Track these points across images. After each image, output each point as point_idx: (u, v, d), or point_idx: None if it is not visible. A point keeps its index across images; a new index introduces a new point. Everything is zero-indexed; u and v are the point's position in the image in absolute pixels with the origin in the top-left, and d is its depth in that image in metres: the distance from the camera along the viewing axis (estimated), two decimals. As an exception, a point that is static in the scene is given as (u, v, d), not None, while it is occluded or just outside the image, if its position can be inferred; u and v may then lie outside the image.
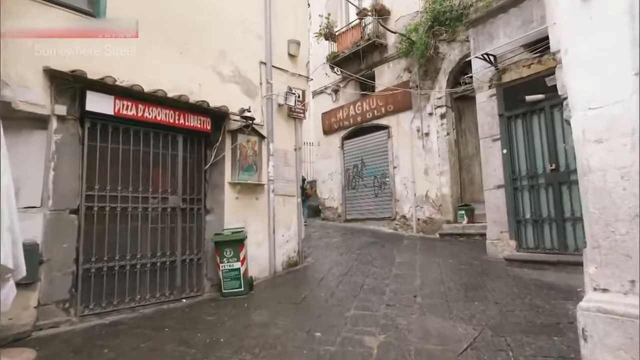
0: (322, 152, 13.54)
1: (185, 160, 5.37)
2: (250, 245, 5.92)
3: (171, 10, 5.40)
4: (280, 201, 6.56)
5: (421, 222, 9.96)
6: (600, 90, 2.40)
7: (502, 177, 6.31)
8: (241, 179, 5.99)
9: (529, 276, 5.16)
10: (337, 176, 12.73)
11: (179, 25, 5.48)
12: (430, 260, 6.58)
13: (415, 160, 10.21)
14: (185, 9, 5.58)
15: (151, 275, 4.88)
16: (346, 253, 7.54)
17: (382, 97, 11.11)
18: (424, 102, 10.12)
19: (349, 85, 12.65)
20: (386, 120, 11.12)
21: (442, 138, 9.65)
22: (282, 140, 6.75)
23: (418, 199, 10.05)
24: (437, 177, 9.65)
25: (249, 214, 6.08)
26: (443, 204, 9.50)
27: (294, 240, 6.73)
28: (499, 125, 6.42)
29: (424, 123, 10.06)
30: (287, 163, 6.78)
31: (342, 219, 12.34)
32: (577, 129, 2.64)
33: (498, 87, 6.47)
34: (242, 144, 6.07)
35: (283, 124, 6.85)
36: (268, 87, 6.54)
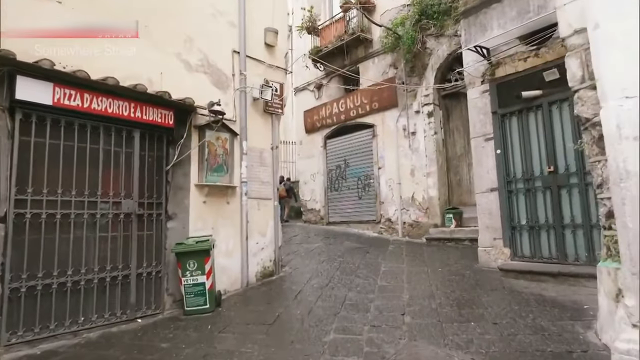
0: (304, 151, 12.94)
1: (142, 159, 4.70)
2: (219, 254, 5.30)
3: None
4: (254, 205, 5.94)
5: (407, 226, 9.47)
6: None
7: (496, 179, 5.84)
8: (210, 180, 5.35)
9: (527, 289, 4.67)
10: (319, 177, 12.15)
11: (137, 4, 4.81)
12: (418, 269, 6.06)
13: (401, 161, 9.71)
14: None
15: (99, 293, 4.19)
16: (327, 261, 6.96)
17: (367, 94, 10.59)
18: (410, 99, 9.63)
19: (332, 82, 12.09)
20: (371, 119, 10.60)
21: (429, 137, 9.17)
22: (257, 138, 6.12)
23: (404, 202, 9.56)
24: (424, 179, 9.17)
25: (219, 219, 5.44)
26: (430, 207, 9.03)
27: (269, 248, 6.12)
28: (492, 124, 5.95)
29: (410, 122, 9.57)
30: (262, 163, 6.16)
31: (324, 221, 11.77)
32: (610, 124, 2.10)
33: (491, 83, 5.99)
34: (210, 142, 5.43)
35: (258, 120, 6.22)
36: (241, 79, 5.91)
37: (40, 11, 4.00)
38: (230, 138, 5.68)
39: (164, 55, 5.02)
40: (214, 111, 5.29)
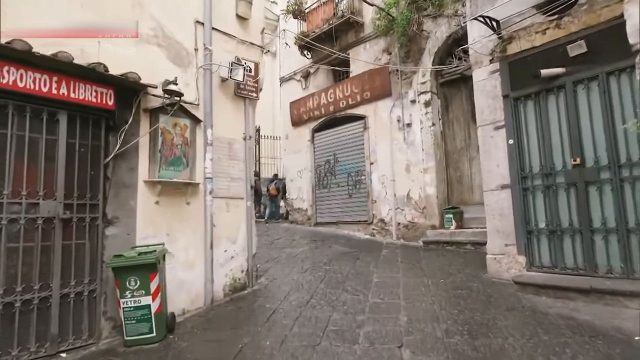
0: (290, 146, 11.98)
1: (71, 148, 3.70)
2: (176, 266, 4.35)
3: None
4: (222, 206, 4.98)
5: (402, 227, 8.57)
6: None
7: (508, 174, 4.95)
8: (164, 176, 4.38)
9: (553, 309, 3.79)
10: (306, 173, 11.21)
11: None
12: (417, 280, 5.16)
13: (395, 155, 8.81)
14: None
15: (5, 323, 3.21)
16: (311, 269, 6.03)
17: (358, 82, 9.67)
18: (405, 87, 8.72)
19: (320, 70, 11.15)
20: (362, 110, 9.67)
21: (426, 129, 8.27)
22: (226, 126, 5.16)
23: (398, 200, 8.66)
24: (421, 175, 8.28)
25: (176, 224, 4.48)
26: (427, 206, 8.14)
27: (241, 257, 5.16)
28: (503, 109, 5.05)
29: (405, 112, 8.66)
30: (232, 156, 5.19)
31: (312, 222, 10.84)
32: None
33: (502, 61, 5.09)
34: (165, 129, 4.45)
35: (228, 105, 5.26)
36: (206, 55, 4.93)
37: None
38: (191, 125, 4.71)
39: (102, 20, 4.03)
40: (169, 91, 4.31)
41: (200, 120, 4.80)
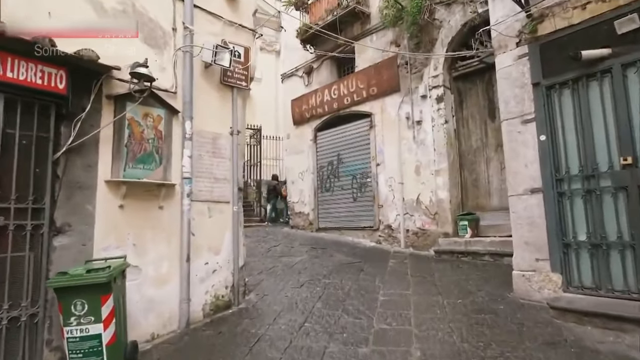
0: (291, 146, 11.28)
1: (8, 140, 3.02)
2: (145, 283, 3.66)
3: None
4: (203, 211, 4.28)
5: (411, 235, 7.81)
6: None
7: (539, 176, 4.18)
8: (131, 175, 3.69)
9: (604, 346, 3.03)
10: (308, 175, 10.49)
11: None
12: (430, 299, 4.41)
13: (404, 156, 8.06)
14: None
15: None
16: (309, 283, 5.30)
17: (364, 77, 8.94)
18: (415, 82, 7.98)
19: (324, 65, 10.46)
20: (368, 107, 8.94)
21: (438, 127, 7.52)
22: (210, 119, 4.47)
23: (407, 205, 7.91)
24: (432, 177, 7.52)
25: (146, 232, 3.78)
26: (439, 212, 7.37)
27: (225, 270, 4.45)
28: (533, 100, 4.29)
29: (415, 109, 7.92)
30: (217, 153, 4.50)
31: (314, 227, 10.11)
32: None
33: (532, 43, 4.34)
34: (134, 120, 3.77)
35: (212, 95, 4.57)
36: (186, 36, 4.25)
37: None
38: (166, 116, 4.03)
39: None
40: (137, 75, 3.63)
41: (178, 111, 4.11)
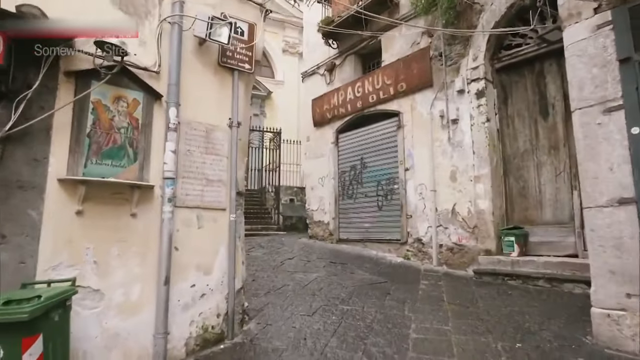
0: (311, 149, 10.43)
1: None
2: (109, 312, 2.84)
3: None
4: (190, 220, 3.44)
5: (445, 250, 6.76)
6: None
7: (631, 182, 3.12)
8: (94, 173, 2.89)
9: None
10: (329, 181, 9.59)
11: None
12: (477, 340, 3.39)
13: (437, 160, 7.04)
14: None
15: None
16: (324, 309, 4.37)
17: (391, 72, 8.01)
18: (451, 75, 6.98)
19: (347, 61, 9.59)
20: (396, 105, 7.99)
21: (478, 126, 6.48)
22: (203, 107, 3.65)
23: (441, 216, 6.86)
24: (471, 185, 6.47)
25: (112, 245, 2.97)
26: (479, 225, 6.30)
27: (217, 294, 3.58)
28: (619, 81, 3.26)
29: (450, 106, 6.91)
30: (211, 149, 3.66)
31: (334, 238, 9.18)
32: None
33: (618, 7, 3.31)
34: (101, 103, 2.98)
35: (207, 78, 3.75)
36: (175, 4, 3.46)
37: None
38: (145, 101, 3.23)
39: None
40: (104, 45, 2.85)
41: (161, 95, 3.31)
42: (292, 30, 18.88)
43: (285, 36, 19.18)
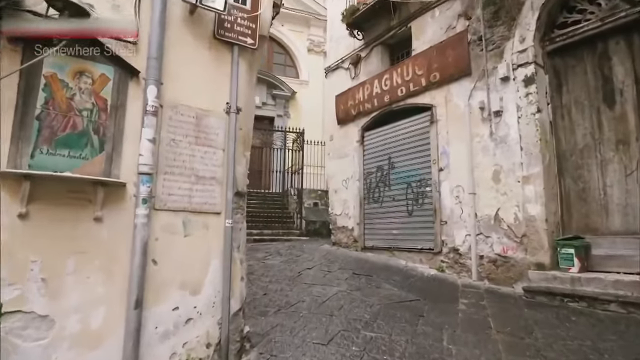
0: (335, 149, 9.70)
1: None
2: (62, 342, 2.22)
3: None
4: (174, 226, 2.76)
5: (487, 263, 5.84)
6: None
7: None
8: (44, 165, 2.27)
9: None
10: (353, 183, 8.83)
11: None
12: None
13: (476, 158, 6.14)
14: None
15: None
16: (343, 335, 3.60)
17: (423, 61, 7.18)
18: (493, 61, 6.08)
19: (373, 53, 8.82)
20: (428, 97, 7.15)
21: (527, 119, 5.55)
22: (193, 88, 2.98)
23: (481, 223, 5.95)
24: (518, 187, 5.53)
25: (67, 259, 2.31)
26: (529, 234, 5.35)
27: (208, 318, 2.88)
28: None
29: (492, 96, 6.00)
30: (202, 139, 2.99)
31: (358, 245, 8.39)
32: None
33: None
34: (56, 78, 2.36)
35: (199, 54, 3.09)
36: (158, -38, 2.83)
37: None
38: (118, 78, 2.59)
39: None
40: (60, 2, 2.23)
41: (138, 72, 2.66)
42: (317, 29, 18.28)
43: (310, 35, 18.63)
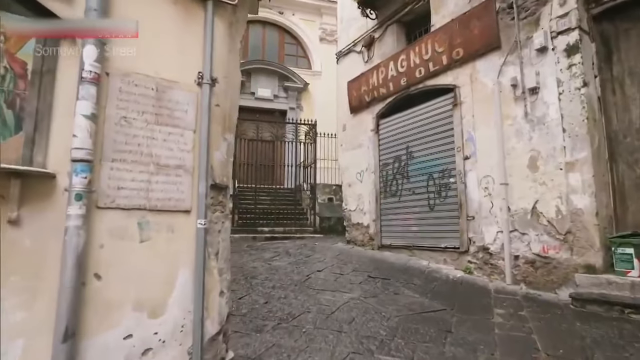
0: (348, 140, 8.98)
1: None
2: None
3: None
4: (124, 230, 2.13)
5: (523, 264, 5.04)
6: None
7: None
8: None
9: None
10: (368, 176, 8.10)
11: None
12: None
13: (509, 144, 5.33)
14: None
15: None
16: (353, 358, 2.93)
17: (444, 36, 6.37)
18: (526, 30, 5.24)
19: (387, 33, 8.04)
20: (450, 77, 6.34)
21: (570, 95, 4.70)
22: (152, 52, 2.33)
23: (516, 218, 5.15)
24: (561, 175, 4.71)
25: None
26: (575, 230, 4.53)
27: (174, 348, 2.24)
28: None
29: (527, 71, 5.17)
30: (165, 117, 2.34)
31: (375, 243, 7.67)
32: None
33: None
34: (-51, 32, 1.77)
35: (161, 9, 2.42)
36: None
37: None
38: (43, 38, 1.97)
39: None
40: None
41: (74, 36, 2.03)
42: (330, 17, 17.49)
43: (323, 23, 17.89)
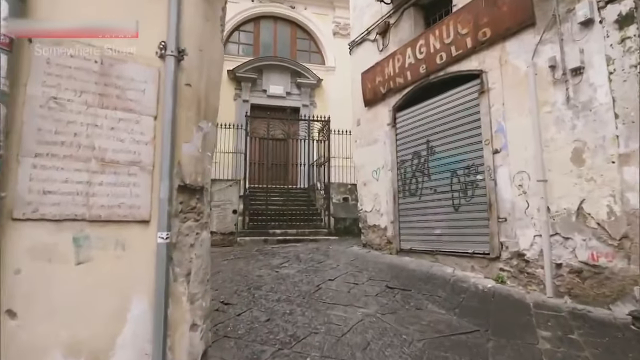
0: (362, 135, 8.34)
1: None
2: None
3: None
4: (52, 248, 1.58)
5: (567, 274, 4.31)
6: None
7: None
8: None
9: None
10: (385, 173, 7.45)
11: None
12: None
13: (547, 134, 4.60)
14: None
15: None
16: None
17: (467, 16, 5.67)
18: (567, 1, 4.50)
19: (404, 17, 7.37)
20: (476, 61, 5.63)
21: (624, 74, 3.95)
22: (94, 15, 1.80)
23: (558, 220, 4.43)
24: (613, 170, 3.97)
25: None
26: (633, 234, 3.79)
27: (125, 403, 1.71)
28: None
29: (568, 48, 4.44)
30: (114, 100, 1.78)
31: (393, 247, 7.02)
32: None
33: None
34: None
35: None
36: None
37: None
38: None
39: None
40: None
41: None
42: (343, 10, 16.83)
43: (336, 17, 17.28)
